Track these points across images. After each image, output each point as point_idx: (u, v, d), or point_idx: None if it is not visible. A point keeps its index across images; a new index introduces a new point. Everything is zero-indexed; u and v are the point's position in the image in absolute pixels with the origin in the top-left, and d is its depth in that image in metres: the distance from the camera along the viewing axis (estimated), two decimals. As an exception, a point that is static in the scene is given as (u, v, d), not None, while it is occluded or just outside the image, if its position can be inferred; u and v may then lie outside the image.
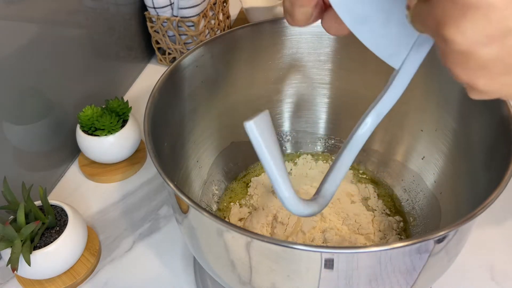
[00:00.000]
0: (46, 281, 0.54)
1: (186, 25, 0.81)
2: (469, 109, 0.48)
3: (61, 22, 0.64)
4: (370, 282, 0.36)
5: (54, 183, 0.67)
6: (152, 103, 0.45)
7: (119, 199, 0.65)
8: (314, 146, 0.65)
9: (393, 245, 0.32)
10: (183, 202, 0.38)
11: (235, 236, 0.35)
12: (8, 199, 0.52)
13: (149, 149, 0.40)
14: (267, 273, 0.37)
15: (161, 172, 0.37)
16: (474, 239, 0.57)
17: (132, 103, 0.69)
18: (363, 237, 0.53)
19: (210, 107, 0.56)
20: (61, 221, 0.54)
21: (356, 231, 0.54)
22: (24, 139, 0.61)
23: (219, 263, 0.41)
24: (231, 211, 0.57)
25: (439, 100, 0.52)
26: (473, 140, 0.47)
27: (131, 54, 0.84)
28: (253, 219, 0.55)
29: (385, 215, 0.56)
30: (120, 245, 0.59)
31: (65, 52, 0.66)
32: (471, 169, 0.47)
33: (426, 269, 0.37)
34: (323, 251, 0.32)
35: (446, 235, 0.34)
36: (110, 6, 0.75)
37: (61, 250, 0.52)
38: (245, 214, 0.57)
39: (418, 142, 0.56)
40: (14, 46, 0.56)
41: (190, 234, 0.42)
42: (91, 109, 0.64)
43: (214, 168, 0.59)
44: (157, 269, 0.56)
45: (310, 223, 0.54)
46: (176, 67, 0.49)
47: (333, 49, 0.58)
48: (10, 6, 0.55)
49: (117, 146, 0.65)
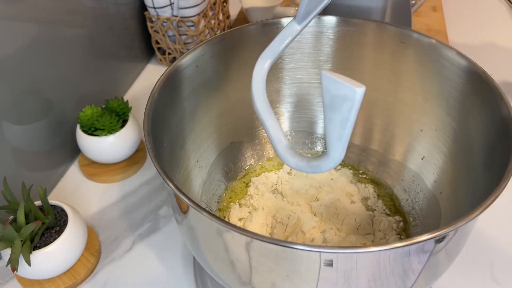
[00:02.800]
0: (46, 281, 0.54)
1: (186, 25, 0.81)
2: (469, 109, 0.48)
3: (61, 22, 0.64)
4: (369, 282, 0.36)
5: (54, 183, 0.67)
6: (152, 103, 0.45)
7: (119, 199, 0.65)
8: (313, 146, 0.65)
9: (392, 245, 0.32)
10: (182, 202, 0.38)
11: (235, 236, 0.35)
12: (8, 199, 0.52)
13: (149, 149, 0.40)
14: (267, 273, 0.37)
15: (161, 172, 0.37)
16: (474, 239, 0.57)
17: (132, 103, 0.69)
18: (363, 237, 0.53)
19: (210, 107, 0.56)
20: (61, 221, 0.54)
21: (356, 231, 0.54)
22: (24, 139, 0.61)
23: (219, 263, 0.41)
24: (231, 211, 0.57)
25: (439, 100, 0.52)
26: (473, 140, 0.47)
27: (131, 54, 0.84)
28: (253, 219, 0.55)
29: (385, 215, 0.56)
30: (120, 245, 0.59)
31: (65, 52, 0.66)
32: (471, 169, 0.47)
33: (426, 269, 0.37)
34: (323, 251, 0.32)
35: (446, 235, 0.34)
36: (110, 6, 0.75)
37: (61, 250, 0.52)
38: (245, 214, 0.57)
39: (418, 142, 0.56)
40: (14, 46, 0.56)
41: (190, 234, 0.42)
42: (91, 109, 0.64)
43: (214, 168, 0.59)
44: (157, 269, 0.56)
45: (310, 223, 0.54)
46: (176, 67, 0.49)
47: (333, 49, 0.58)
48: (10, 6, 0.55)
49: (117, 146, 0.65)
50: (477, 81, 0.46)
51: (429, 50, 0.51)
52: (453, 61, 0.49)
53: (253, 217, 0.55)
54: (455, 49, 0.49)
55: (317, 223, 0.54)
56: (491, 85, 0.44)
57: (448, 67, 0.50)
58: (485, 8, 1.03)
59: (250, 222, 0.55)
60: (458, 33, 0.94)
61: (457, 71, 0.49)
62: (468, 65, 0.47)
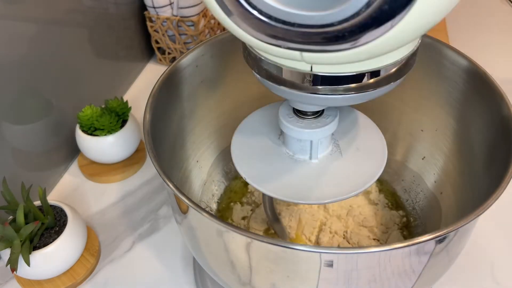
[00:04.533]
0: (46, 282, 0.54)
1: (186, 24, 0.81)
2: (469, 109, 0.48)
3: (60, 21, 0.64)
4: (370, 282, 0.36)
5: (53, 183, 0.67)
6: (152, 103, 0.44)
7: (119, 199, 0.65)
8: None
9: (393, 245, 0.32)
10: (182, 203, 0.38)
11: (235, 236, 0.35)
12: (8, 199, 0.52)
13: (148, 149, 0.40)
14: (267, 273, 0.37)
15: (161, 172, 0.37)
16: (474, 239, 0.57)
17: (132, 103, 0.69)
18: (367, 229, 0.53)
19: (210, 107, 0.56)
20: (60, 222, 0.54)
21: (361, 222, 0.54)
22: (24, 139, 0.61)
23: (219, 263, 0.41)
24: (233, 211, 0.57)
25: (440, 100, 0.52)
26: (473, 140, 0.47)
27: (131, 53, 0.84)
28: (257, 217, 0.55)
29: (388, 209, 0.56)
30: (119, 246, 0.59)
31: (65, 51, 0.66)
32: (472, 169, 0.47)
33: (427, 269, 0.37)
34: (323, 251, 0.32)
35: (446, 236, 0.34)
36: (109, 6, 0.75)
37: (60, 251, 0.52)
38: (247, 212, 0.57)
39: (418, 142, 0.56)
40: (14, 46, 0.56)
41: (189, 234, 0.42)
42: (91, 109, 0.64)
43: (214, 168, 0.59)
44: (156, 270, 0.56)
45: (312, 223, 0.54)
46: (176, 67, 0.49)
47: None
48: (10, 6, 0.55)
49: (117, 146, 0.65)
50: (477, 81, 0.46)
51: (430, 49, 0.51)
52: (454, 61, 0.49)
53: (257, 215, 0.55)
54: (456, 49, 0.49)
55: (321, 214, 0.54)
56: (491, 85, 0.44)
57: (448, 67, 0.49)
58: (486, 8, 1.03)
59: (255, 220, 0.55)
60: (458, 32, 0.94)
61: (458, 71, 0.49)
62: (468, 65, 0.47)
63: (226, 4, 0.27)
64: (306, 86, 0.31)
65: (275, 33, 0.26)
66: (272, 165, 0.41)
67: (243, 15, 0.26)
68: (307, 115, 0.38)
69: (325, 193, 0.38)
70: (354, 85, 0.30)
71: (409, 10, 0.23)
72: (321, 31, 0.24)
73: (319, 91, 0.31)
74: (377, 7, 0.23)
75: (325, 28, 0.24)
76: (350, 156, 0.41)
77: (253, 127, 0.45)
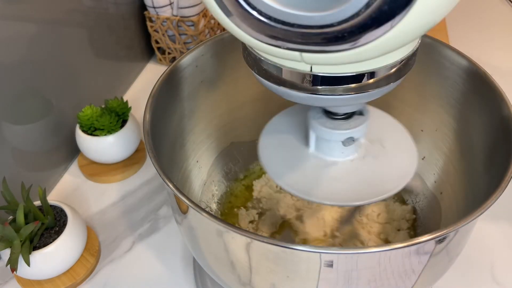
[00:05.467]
0: (46, 282, 0.54)
1: (186, 24, 0.81)
2: (469, 109, 0.48)
3: (60, 21, 0.64)
4: (370, 283, 0.36)
5: (53, 183, 0.67)
6: (152, 103, 0.44)
7: (119, 199, 0.65)
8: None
9: (393, 245, 0.32)
10: (182, 203, 0.38)
11: (235, 236, 0.35)
12: (8, 199, 0.52)
13: (148, 149, 0.40)
14: (267, 273, 0.37)
15: (161, 173, 0.37)
16: (474, 239, 0.56)
17: (132, 103, 0.69)
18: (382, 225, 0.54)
19: (210, 107, 0.56)
20: (60, 222, 0.54)
21: (376, 219, 0.54)
22: (24, 139, 0.61)
23: (219, 263, 0.41)
24: (238, 216, 0.57)
25: (439, 100, 0.52)
26: (473, 140, 0.47)
27: (131, 53, 0.84)
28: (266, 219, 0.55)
29: (399, 204, 0.56)
30: (119, 246, 0.59)
31: (65, 51, 0.66)
32: (472, 169, 0.47)
33: (427, 269, 0.37)
34: (323, 252, 0.32)
35: (446, 236, 0.34)
36: (109, 6, 0.75)
37: (60, 251, 0.52)
38: (253, 216, 0.57)
39: (418, 142, 0.56)
40: (13, 46, 0.56)
41: (189, 234, 0.42)
42: (91, 109, 0.64)
43: (214, 168, 0.59)
44: (156, 270, 0.56)
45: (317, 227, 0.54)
46: (176, 67, 0.49)
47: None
48: (10, 6, 0.55)
49: (117, 146, 0.65)
50: (477, 81, 0.46)
51: (430, 49, 0.51)
52: (454, 61, 0.49)
53: (266, 217, 0.55)
54: (456, 49, 0.49)
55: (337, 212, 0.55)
56: (491, 85, 0.44)
57: (448, 67, 0.49)
58: (486, 8, 1.03)
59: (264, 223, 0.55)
60: (458, 32, 0.94)
61: (458, 71, 0.49)
62: (468, 65, 0.47)
63: (225, 4, 0.27)
64: (306, 86, 0.31)
65: (274, 34, 0.26)
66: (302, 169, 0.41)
67: (243, 15, 0.26)
68: (338, 116, 0.38)
69: (359, 195, 0.38)
70: (354, 86, 0.30)
71: (409, 11, 0.23)
72: (321, 31, 0.24)
73: (318, 92, 0.31)
74: (376, 7, 0.23)
75: (324, 28, 0.24)
76: (381, 158, 0.41)
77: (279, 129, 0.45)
